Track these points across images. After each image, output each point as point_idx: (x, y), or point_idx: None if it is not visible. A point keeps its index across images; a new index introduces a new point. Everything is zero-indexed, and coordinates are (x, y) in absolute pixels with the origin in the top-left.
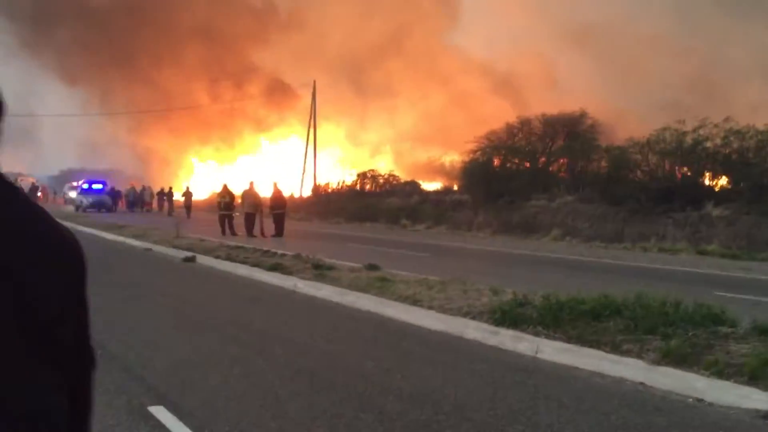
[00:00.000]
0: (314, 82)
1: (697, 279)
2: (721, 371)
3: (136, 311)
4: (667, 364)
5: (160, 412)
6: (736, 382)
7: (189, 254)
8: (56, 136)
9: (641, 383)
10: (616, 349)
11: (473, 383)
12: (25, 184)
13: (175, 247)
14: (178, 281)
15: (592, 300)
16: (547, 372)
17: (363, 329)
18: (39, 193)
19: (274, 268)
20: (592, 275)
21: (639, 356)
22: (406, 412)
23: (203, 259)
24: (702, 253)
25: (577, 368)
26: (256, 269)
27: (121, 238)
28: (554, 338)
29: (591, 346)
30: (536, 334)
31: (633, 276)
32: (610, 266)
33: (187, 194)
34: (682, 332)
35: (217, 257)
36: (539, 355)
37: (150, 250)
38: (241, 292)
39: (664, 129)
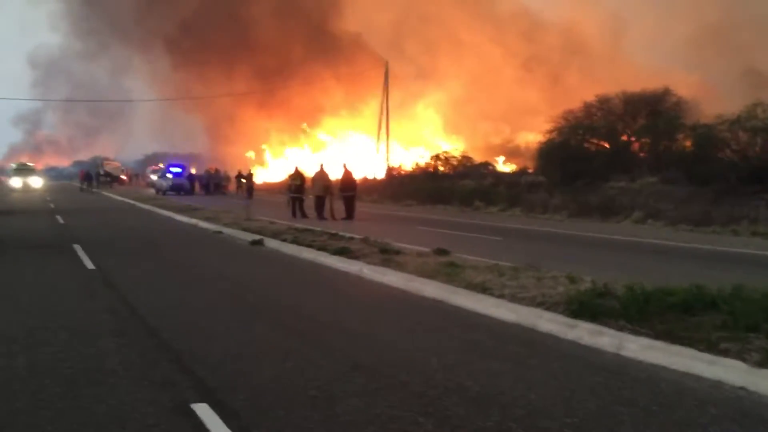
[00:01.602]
0: (386, 63)
1: None
2: None
3: (196, 296)
4: None
5: (203, 411)
6: None
7: (257, 237)
8: (144, 122)
9: (742, 388)
10: (711, 347)
11: (547, 384)
12: (111, 167)
13: (244, 229)
14: (243, 265)
15: (683, 291)
16: (632, 372)
17: (428, 319)
18: (123, 176)
19: (340, 252)
20: (679, 261)
21: (739, 357)
22: (471, 417)
23: (271, 242)
24: None
25: (665, 368)
26: (322, 253)
27: (193, 221)
28: (639, 334)
29: (682, 344)
30: (619, 328)
31: (725, 262)
32: (698, 251)
33: (249, 177)
34: None
35: (284, 240)
36: (622, 353)
37: (220, 232)
38: (304, 276)
39: (756, 104)
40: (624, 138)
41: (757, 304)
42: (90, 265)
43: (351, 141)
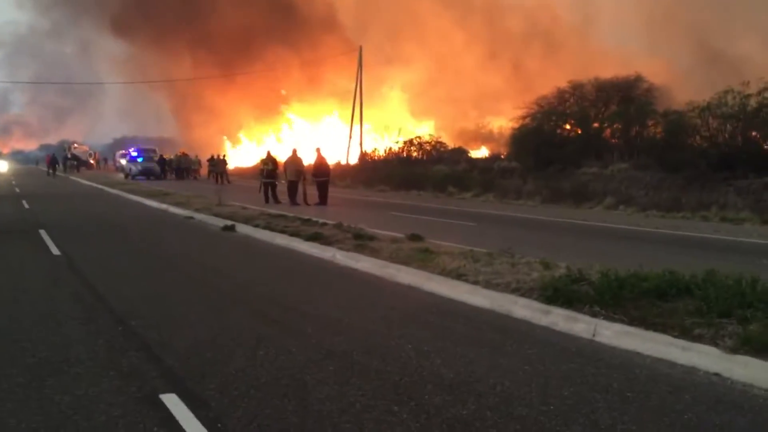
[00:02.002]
0: (360, 48)
1: (766, 251)
2: None
3: (166, 283)
4: (746, 352)
5: (171, 401)
6: None
7: (229, 223)
8: (114, 105)
9: (716, 374)
10: (685, 333)
11: (523, 371)
12: (79, 151)
13: (216, 215)
14: (214, 251)
15: (656, 276)
16: (606, 358)
17: (403, 305)
18: (91, 160)
19: (313, 237)
20: (651, 247)
21: (713, 342)
22: (446, 405)
23: (243, 228)
24: None
25: (640, 354)
26: (294, 239)
27: (164, 206)
28: (614, 320)
29: (656, 330)
30: (593, 314)
31: (696, 247)
32: (669, 237)
33: (223, 162)
34: (763, 315)
35: (256, 226)
36: (597, 338)
37: (191, 218)
38: (277, 263)
39: (726, 92)
40: (596, 124)
41: (730, 290)
42: (56, 250)
43: (325, 126)
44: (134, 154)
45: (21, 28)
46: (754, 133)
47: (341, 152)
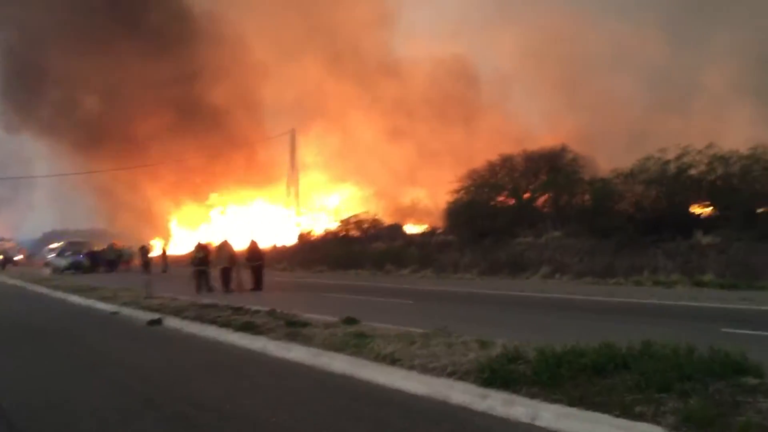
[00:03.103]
0: (293, 130)
1: (699, 314)
2: None
3: (75, 388)
4: (689, 429)
5: None
6: None
7: (155, 316)
8: (43, 199)
9: None
10: (626, 412)
11: None
12: (6, 248)
13: (143, 308)
14: (137, 348)
15: (593, 351)
16: None
17: (335, 398)
18: (20, 256)
19: (243, 327)
20: (587, 316)
21: (655, 420)
22: None
23: (171, 321)
24: (698, 284)
25: None
26: (224, 330)
27: (89, 302)
28: (553, 400)
29: (597, 410)
30: (532, 396)
31: (630, 314)
32: (604, 304)
33: (163, 252)
34: (702, 387)
35: (185, 318)
36: (537, 422)
37: (117, 313)
38: (204, 357)
39: (647, 158)
40: (527, 195)
41: (668, 362)
42: None
43: (259, 210)
44: (62, 248)
45: None
46: (676, 197)
47: (278, 234)
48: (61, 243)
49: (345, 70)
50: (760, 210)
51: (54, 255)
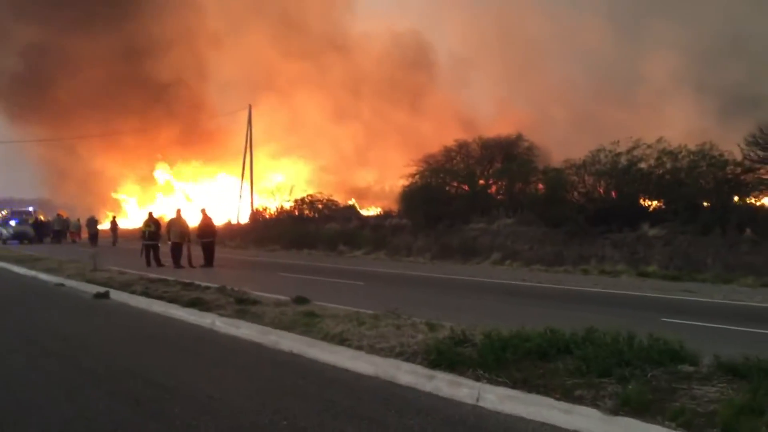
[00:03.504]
0: (249, 106)
1: (641, 303)
2: (689, 422)
3: (18, 362)
4: (627, 413)
5: None
6: None
7: (102, 290)
8: None
9: None
10: (567, 395)
11: None
12: None
13: (89, 281)
14: (82, 322)
15: (538, 336)
16: (490, 426)
17: (283, 376)
18: None
19: (192, 303)
20: (535, 302)
21: (593, 404)
22: None
23: (117, 295)
24: (643, 275)
25: (523, 419)
26: (172, 305)
27: (32, 273)
28: (497, 383)
29: (539, 392)
30: (477, 378)
31: (576, 301)
32: (552, 291)
33: (113, 224)
34: (640, 373)
35: (132, 292)
36: (481, 403)
37: (62, 285)
38: (150, 333)
39: (599, 150)
40: (482, 181)
41: (608, 348)
42: None
43: (213, 185)
44: (6, 216)
45: None
46: (625, 189)
47: (231, 212)
48: (5, 211)
49: (294, 45)
50: (704, 204)
51: None
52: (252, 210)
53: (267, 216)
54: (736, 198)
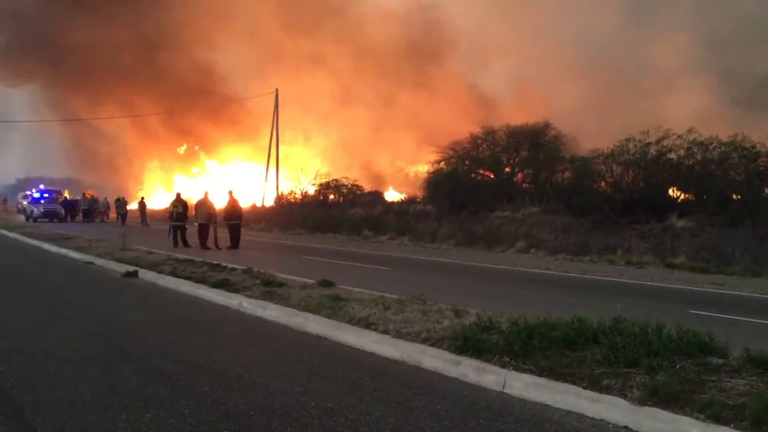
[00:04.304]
0: (276, 90)
1: (668, 295)
2: (717, 414)
3: (51, 338)
4: (654, 404)
5: None
6: (736, 428)
7: (131, 269)
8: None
9: (625, 427)
10: (594, 384)
11: (431, 429)
12: None
13: (118, 260)
14: (112, 300)
15: (565, 324)
16: (516, 413)
17: (309, 358)
18: None
19: (219, 284)
20: (560, 291)
21: (621, 394)
22: None
23: (146, 274)
24: (670, 266)
25: (549, 407)
26: (200, 286)
27: (63, 251)
28: (523, 370)
29: (566, 381)
30: (503, 365)
31: (603, 291)
32: (577, 281)
33: (141, 204)
34: (668, 364)
35: (161, 272)
36: (506, 390)
37: (91, 263)
38: (179, 312)
39: (628, 140)
40: (508, 169)
41: (637, 338)
42: None
43: (240, 168)
44: (37, 195)
45: None
46: (654, 180)
47: (257, 194)
48: (37, 190)
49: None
50: (734, 197)
51: (29, 202)
52: (277, 194)
53: (292, 200)
54: (767, 190)
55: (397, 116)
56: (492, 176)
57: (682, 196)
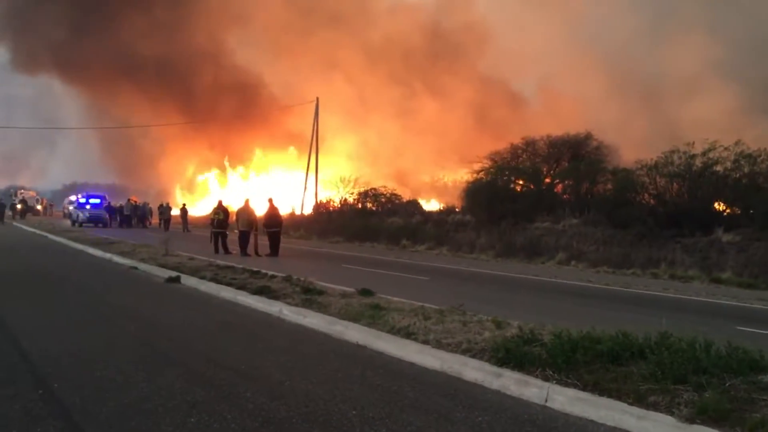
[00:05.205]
0: (317, 99)
1: (714, 310)
2: None
3: (97, 340)
4: (703, 422)
5: None
6: None
7: (174, 274)
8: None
9: None
10: (640, 400)
11: None
12: (26, 197)
13: (161, 266)
14: (155, 304)
15: (610, 339)
16: (560, 427)
17: (349, 366)
18: (39, 206)
19: (260, 291)
20: (603, 304)
21: (668, 411)
22: None
23: (188, 280)
24: (716, 281)
25: (594, 422)
26: (241, 292)
27: (107, 255)
28: (567, 384)
29: (610, 396)
30: (546, 378)
31: (646, 305)
32: (620, 294)
33: (183, 211)
34: (718, 382)
35: (202, 278)
36: (549, 404)
37: (135, 268)
38: (221, 318)
39: (673, 151)
40: (548, 180)
41: (684, 355)
42: None
43: (280, 176)
44: (82, 200)
45: None
46: (699, 193)
47: (296, 202)
48: (82, 195)
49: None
50: None
51: (74, 207)
52: (316, 202)
53: (330, 208)
54: None
55: (429, 124)
56: (532, 187)
57: (728, 210)
